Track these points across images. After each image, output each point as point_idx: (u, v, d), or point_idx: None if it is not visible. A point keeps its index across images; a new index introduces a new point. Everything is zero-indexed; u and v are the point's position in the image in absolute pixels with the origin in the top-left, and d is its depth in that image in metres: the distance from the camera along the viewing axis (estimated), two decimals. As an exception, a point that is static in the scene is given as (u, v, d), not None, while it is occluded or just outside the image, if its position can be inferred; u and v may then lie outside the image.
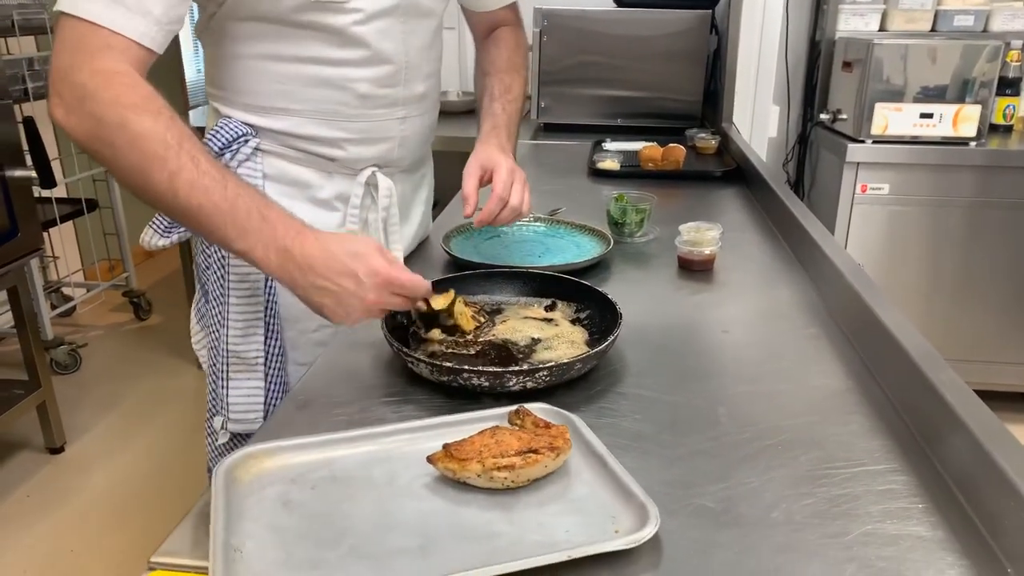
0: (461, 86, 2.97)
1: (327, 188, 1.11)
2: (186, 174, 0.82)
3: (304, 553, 0.59)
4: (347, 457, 0.71)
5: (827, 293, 1.11)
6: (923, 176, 2.40)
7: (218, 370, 1.10)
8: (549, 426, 0.71)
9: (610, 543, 0.59)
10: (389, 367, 0.91)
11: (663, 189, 1.66)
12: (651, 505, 0.62)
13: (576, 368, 0.85)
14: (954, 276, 2.49)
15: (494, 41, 1.32)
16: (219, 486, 0.64)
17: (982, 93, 2.32)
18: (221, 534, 0.58)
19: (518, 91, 1.28)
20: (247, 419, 1.09)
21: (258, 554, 0.58)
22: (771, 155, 2.85)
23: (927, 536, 0.62)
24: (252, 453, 0.69)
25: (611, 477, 0.67)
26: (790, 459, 0.73)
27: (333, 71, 1.03)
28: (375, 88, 1.07)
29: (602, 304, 0.99)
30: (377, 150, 1.13)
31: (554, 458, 0.67)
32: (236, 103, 1.06)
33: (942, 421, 0.71)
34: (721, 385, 0.88)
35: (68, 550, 2.04)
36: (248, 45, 1.01)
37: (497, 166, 1.13)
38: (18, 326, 2.32)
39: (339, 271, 0.82)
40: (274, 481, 0.67)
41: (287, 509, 0.64)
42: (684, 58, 2.34)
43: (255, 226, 0.83)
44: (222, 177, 0.83)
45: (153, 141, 0.81)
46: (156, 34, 0.86)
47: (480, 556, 0.59)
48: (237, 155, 1.06)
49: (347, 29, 1.00)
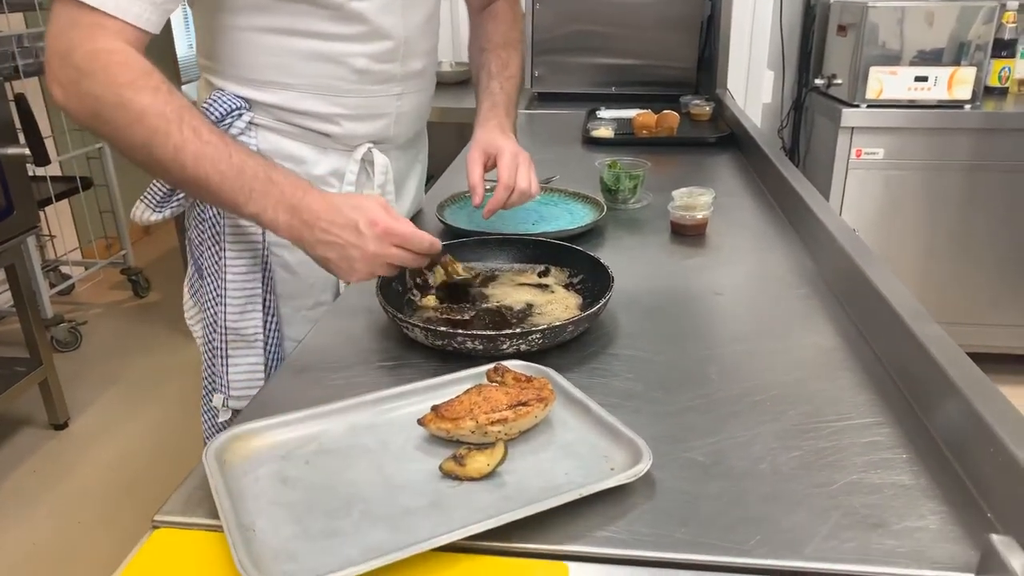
0: (454, 56, 2.95)
1: (322, 164, 1.11)
2: (190, 146, 0.83)
3: (318, 524, 0.59)
4: (333, 429, 0.71)
5: (819, 256, 1.12)
6: (918, 140, 2.40)
7: (215, 347, 1.10)
8: (531, 379, 0.73)
9: (611, 479, 0.61)
10: (385, 333, 0.93)
11: (657, 156, 1.66)
12: (639, 440, 0.64)
13: (568, 331, 0.86)
14: (949, 240, 2.50)
15: (490, 15, 1.30)
16: (213, 469, 0.63)
17: (977, 56, 2.32)
18: (231, 515, 0.58)
19: (515, 67, 1.27)
20: (249, 395, 1.09)
21: (272, 530, 0.58)
22: (766, 121, 2.85)
23: (910, 484, 0.64)
24: (238, 434, 0.68)
25: (596, 420, 0.70)
26: (778, 414, 0.74)
27: (330, 46, 1.02)
28: (373, 64, 1.06)
29: (594, 269, 1.00)
30: (373, 127, 1.12)
31: (543, 408, 0.69)
32: (229, 75, 1.05)
33: (928, 375, 0.73)
34: (712, 345, 0.89)
35: (76, 522, 2.07)
36: (242, 17, 1.00)
37: (500, 151, 1.13)
38: (17, 304, 2.33)
39: (341, 223, 0.85)
40: (265, 460, 0.67)
41: (287, 485, 0.64)
42: (678, 25, 2.32)
43: (262, 188, 0.85)
44: (225, 145, 0.85)
45: (153, 116, 0.82)
46: (150, 15, 0.86)
47: (493, 504, 0.60)
48: (230, 129, 1.04)
49: (346, 4, 0.99)
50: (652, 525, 0.60)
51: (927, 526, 0.59)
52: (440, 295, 0.98)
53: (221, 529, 0.57)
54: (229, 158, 0.84)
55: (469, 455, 0.64)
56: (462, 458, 0.64)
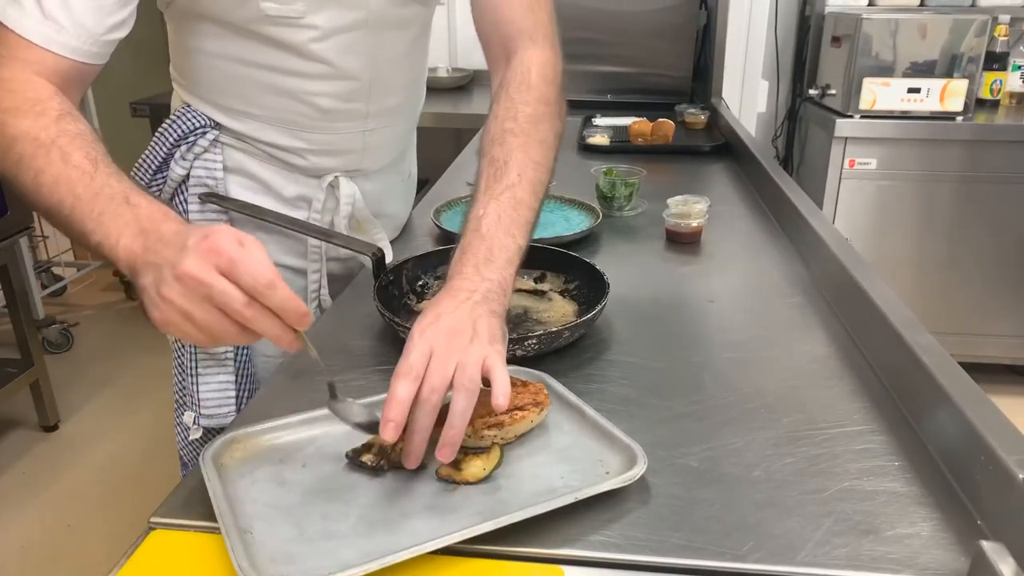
0: (450, 62, 2.95)
1: (289, 188, 1.07)
2: (52, 170, 0.72)
3: (315, 527, 0.59)
4: (329, 433, 0.70)
5: (812, 265, 1.13)
6: (910, 151, 2.42)
7: (185, 364, 1.07)
8: (526, 384, 0.73)
9: (606, 483, 0.62)
10: (381, 338, 0.93)
11: (652, 164, 1.67)
12: (635, 445, 0.65)
13: (565, 336, 0.86)
14: (941, 250, 2.52)
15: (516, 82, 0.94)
16: (210, 473, 0.63)
17: (969, 68, 2.34)
18: (229, 518, 0.58)
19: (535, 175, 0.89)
20: (220, 413, 1.06)
21: (269, 532, 0.58)
22: (760, 130, 2.86)
23: (902, 491, 0.65)
24: (235, 438, 0.68)
25: (591, 425, 0.70)
26: (772, 421, 0.75)
27: (293, 82, 0.97)
28: (338, 103, 1.01)
29: (590, 275, 1.00)
30: (340, 160, 1.07)
31: (538, 413, 0.70)
32: (195, 94, 1.01)
33: (920, 383, 0.74)
34: (706, 352, 0.90)
35: (65, 525, 2.06)
36: (207, 41, 0.95)
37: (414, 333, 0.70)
38: (9, 305, 2.32)
39: (173, 243, 0.63)
40: (262, 463, 0.67)
41: (284, 488, 0.64)
42: (674, 34, 2.34)
43: (115, 211, 0.69)
44: (93, 171, 0.72)
45: (26, 141, 0.74)
46: (89, 47, 0.80)
47: (489, 508, 0.61)
48: (194, 147, 1.01)
49: (305, 46, 0.94)
50: (647, 530, 0.60)
51: (919, 533, 0.60)
52: None
53: (217, 531, 0.57)
54: (90, 182, 0.71)
55: (465, 459, 0.65)
56: (458, 462, 0.64)
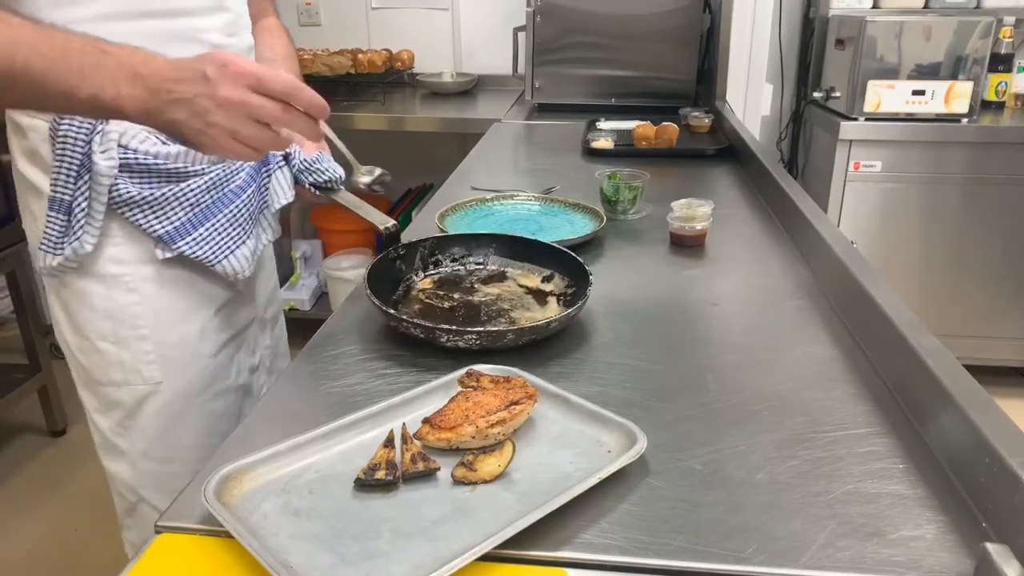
0: (455, 67, 2.97)
1: None
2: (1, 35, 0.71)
3: (352, 549, 0.57)
4: (323, 458, 0.68)
5: (817, 267, 1.13)
6: (915, 153, 2.42)
7: None
8: (509, 379, 0.74)
9: (619, 460, 0.63)
10: (379, 337, 0.93)
11: (656, 167, 1.67)
12: (628, 423, 0.66)
13: (552, 327, 0.89)
14: (946, 253, 2.51)
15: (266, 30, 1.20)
16: (224, 514, 0.59)
17: (974, 70, 2.33)
18: (266, 553, 0.54)
19: None
20: None
21: (310, 563, 0.55)
22: (764, 133, 2.86)
23: (907, 494, 0.65)
24: (229, 474, 0.64)
25: (579, 410, 0.71)
26: (776, 423, 0.75)
27: (183, 22, 0.96)
28: (223, 37, 1.00)
29: (582, 277, 1.01)
30: None
31: (532, 405, 0.71)
32: None
33: (924, 386, 0.73)
34: (709, 355, 0.90)
35: (72, 529, 2.07)
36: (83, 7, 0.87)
37: None
38: (18, 311, 2.33)
39: (188, 77, 0.72)
40: (264, 497, 0.63)
41: (301, 517, 0.61)
42: (678, 37, 2.34)
43: (95, 62, 0.72)
44: (42, 29, 0.73)
45: None
46: None
47: (517, 501, 0.61)
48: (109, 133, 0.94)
49: None
50: (650, 532, 0.60)
51: (923, 535, 0.60)
52: (434, 280, 1.05)
53: (224, 534, 0.57)
54: (50, 40, 0.72)
55: (477, 459, 0.65)
56: (471, 463, 0.65)
